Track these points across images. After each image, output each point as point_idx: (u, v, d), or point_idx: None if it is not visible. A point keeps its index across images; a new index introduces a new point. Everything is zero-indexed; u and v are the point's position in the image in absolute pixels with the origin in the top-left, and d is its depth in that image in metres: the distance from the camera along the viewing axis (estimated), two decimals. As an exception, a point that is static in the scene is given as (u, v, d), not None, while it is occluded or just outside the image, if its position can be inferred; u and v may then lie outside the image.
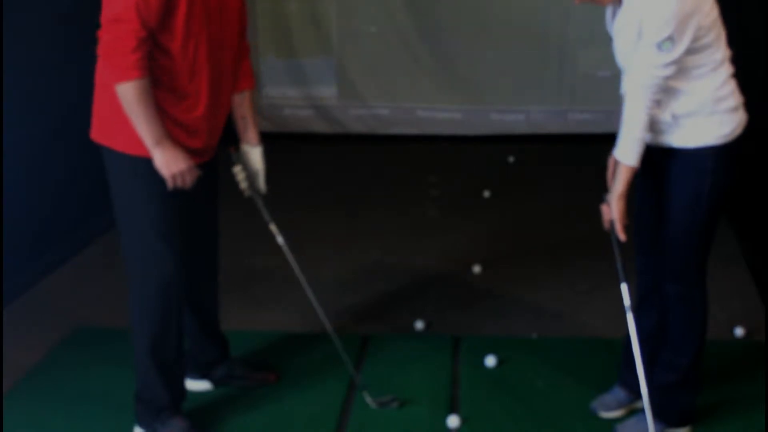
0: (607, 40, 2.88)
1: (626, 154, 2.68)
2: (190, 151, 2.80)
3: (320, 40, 6.86)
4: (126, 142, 2.74)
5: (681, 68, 2.62)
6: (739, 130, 2.74)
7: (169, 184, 2.75)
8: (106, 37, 2.61)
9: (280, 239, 3.18)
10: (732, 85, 2.73)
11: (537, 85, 6.74)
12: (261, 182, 3.09)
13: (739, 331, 3.70)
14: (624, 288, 2.83)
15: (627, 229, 2.77)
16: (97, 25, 2.64)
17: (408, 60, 6.79)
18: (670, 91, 2.66)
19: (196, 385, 3.30)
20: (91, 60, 2.79)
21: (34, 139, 4.34)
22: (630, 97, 2.66)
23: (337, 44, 6.87)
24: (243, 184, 3.08)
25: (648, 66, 2.59)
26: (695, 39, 2.58)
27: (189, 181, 2.76)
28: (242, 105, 3.03)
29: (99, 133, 2.83)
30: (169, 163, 2.70)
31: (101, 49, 2.63)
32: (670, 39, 2.54)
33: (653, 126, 2.72)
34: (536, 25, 6.65)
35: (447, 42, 6.75)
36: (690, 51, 2.59)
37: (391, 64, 6.82)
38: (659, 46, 2.55)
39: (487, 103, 6.83)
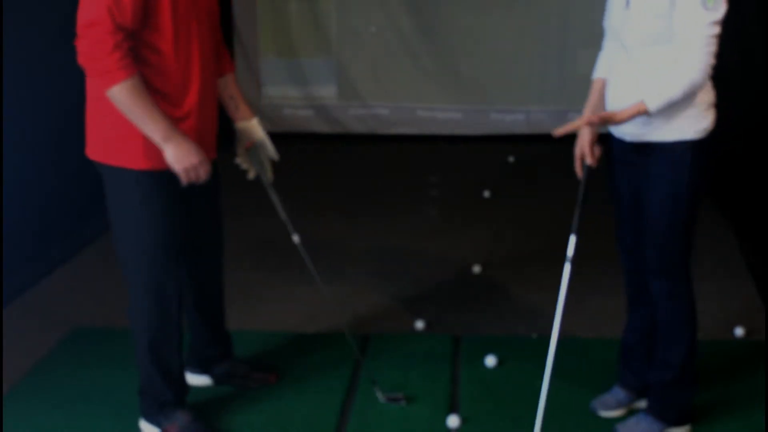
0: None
1: (655, 100, 2.64)
2: None
3: (320, 40, 6.87)
4: (125, 156, 2.71)
5: (672, 58, 2.63)
6: (712, 127, 2.76)
7: (183, 179, 2.70)
8: (83, 43, 2.56)
9: (295, 238, 3.18)
10: (711, 83, 2.75)
11: (537, 85, 6.75)
12: (270, 150, 3.06)
13: (739, 331, 3.70)
14: (572, 239, 2.86)
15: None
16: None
17: (408, 60, 6.80)
18: (655, 78, 2.67)
19: (196, 379, 3.31)
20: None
21: (34, 139, 4.34)
22: (688, 60, 2.61)
23: (337, 44, 6.88)
24: (251, 173, 3.08)
25: (698, 28, 2.57)
26: None
27: (203, 173, 2.71)
28: (228, 86, 3.02)
29: (95, 150, 2.79)
30: (182, 158, 2.66)
31: (81, 58, 2.58)
32: None
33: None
34: (536, 25, 6.66)
35: (447, 42, 6.76)
36: None
37: (391, 64, 6.83)
38: (704, 3, 2.55)
39: (487, 103, 6.83)
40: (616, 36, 2.80)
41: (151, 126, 2.62)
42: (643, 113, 2.68)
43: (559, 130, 2.75)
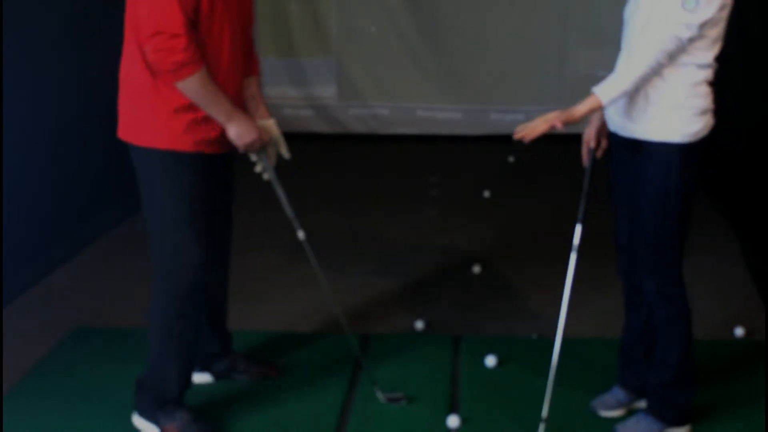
0: (606, 40, 2.88)
1: (606, 92, 2.68)
2: (211, 142, 2.85)
3: (320, 40, 6.87)
4: (153, 136, 2.79)
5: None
6: (704, 133, 2.74)
7: (240, 150, 2.92)
8: (157, 41, 2.62)
9: (300, 234, 3.19)
10: (707, 90, 2.73)
11: (537, 85, 6.75)
12: (283, 149, 3.14)
13: (739, 331, 3.70)
14: (578, 229, 2.89)
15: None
16: (98, 26, 2.64)
17: (408, 60, 6.81)
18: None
19: (197, 377, 3.31)
20: (92, 60, 2.79)
21: (34, 139, 4.34)
22: (641, 51, 2.64)
23: (337, 44, 6.88)
24: (260, 167, 3.11)
25: (669, 23, 2.57)
26: (709, 24, 2.58)
27: (258, 146, 2.94)
28: (250, 87, 3.09)
29: (126, 130, 2.88)
30: (243, 135, 2.85)
31: (154, 56, 2.64)
32: None
33: (620, 110, 2.75)
34: (536, 25, 6.66)
35: (447, 42, 6.76)
36: (693, 37, 2.60)
37: (391, 64, 6.83)
38: (683, 3, 2.55)
39: (487, 103, 6.84)
40: (625, 27, 2.79)
41: (217, 109, 2.78)
42: (598, 107, 2.70)
43: (519, 135, 2.74)
